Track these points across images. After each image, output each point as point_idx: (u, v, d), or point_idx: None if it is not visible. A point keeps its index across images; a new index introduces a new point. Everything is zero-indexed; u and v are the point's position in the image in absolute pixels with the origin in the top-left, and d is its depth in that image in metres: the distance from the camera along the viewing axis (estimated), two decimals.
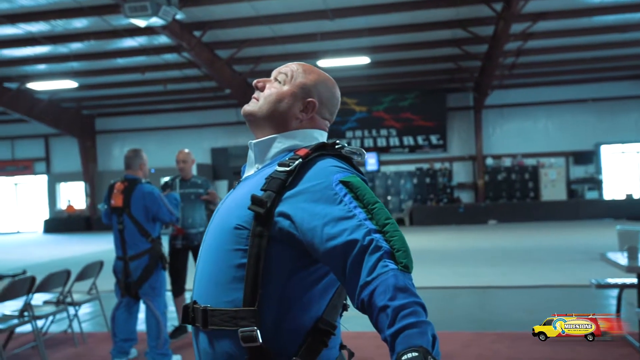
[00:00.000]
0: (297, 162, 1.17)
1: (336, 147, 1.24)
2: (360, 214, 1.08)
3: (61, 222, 19.99)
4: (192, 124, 19.62)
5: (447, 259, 9.18)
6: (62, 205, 21.05)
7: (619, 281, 4.51)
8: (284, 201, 1.14)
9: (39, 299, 4.82)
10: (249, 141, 1.34)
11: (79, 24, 11.31)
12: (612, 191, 17.28)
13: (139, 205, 3.96)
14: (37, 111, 16.64)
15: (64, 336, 5.06)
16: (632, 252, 3.92)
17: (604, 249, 4.96)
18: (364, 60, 13.80)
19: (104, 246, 12.26)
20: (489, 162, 17.55)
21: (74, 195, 21.03)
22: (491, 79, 15.00)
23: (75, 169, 20.43)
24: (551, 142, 17.48)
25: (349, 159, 1.25)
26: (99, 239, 15.30)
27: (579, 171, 17.37)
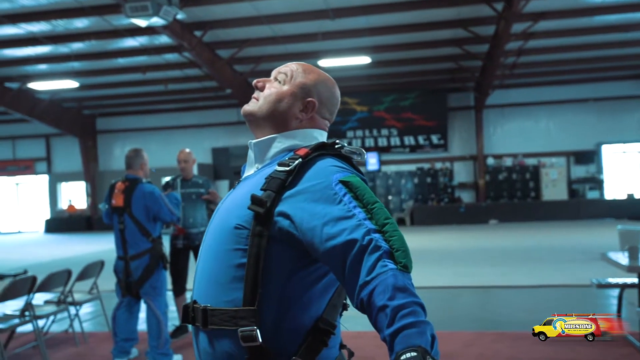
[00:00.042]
0: (296, 162, 1.17)
1: (336, 146, 1.24)
2: (359, 213, 1.08)
3: (62, 222, 20.01)
4: (193, 124, 19.63)
5: (448, 259, 9.18)
6: (63, 205, 21.06)
7: (620, 281, 4.51)
8: (284, 201, 1.14)
9: (40, 298, 4.82)
10: (248, 141, 1.34)
11: (80, 23, 11.32)
12: (613, 191, 17.25)
13: (139, 205, 3.97)
14: (38, 111, 16.65)
15: (65, 336, 5.07)
16: (633, 252, 3.92)
17: (604, 249, 4.96)
18: (365, 60, 13.79)
19: (105, 246, 12.27)
20: (490, 161, 17.54)
21: (75, 195, 21.04)
22: (492, 79, 14.98)
23: (76, 169, 20.44)
24: (552, 141, 17.46)
25: (348, 159, 1.25)
26: (99, 239, 15.31)
27: (580, 171, 17.35)
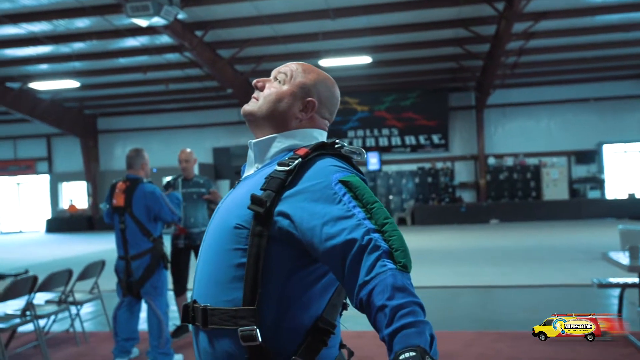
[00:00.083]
0: (296, 162, 1.17)
1: (336, 146, 1.24)
2: (359, 213, 1.08)
3: (63, 222, 20.02)
4: (194, 124, 19.64)
5: (448, 259, 9.17)
6: (64, 204, 21.07)
7: (621, 281, 4.51)
8: (284, 200, 1.14)
9: (41, 298, 4.82)
10: (248, 141, 1.34)
11: (81, 23, 11.32)
12: (614, 191, 17.23)
13: (140, 204, 3.97)
14: (40, 111, 16.66)
15: (66, 335, 5.07)
16: (634, 252, 3.92)
17: (605, 249, 4.96)
18: (366, 59, 13.78)
19: (106, 246, 12.28)
20: (491, 161, 17.53)
21: (76, 194, 21.06)
22: (493, 78, 14.98)
23: (77, 169, 20.46)
24: (553, 141, 17.44)
25: (348, 159, 1.25)
26: (100, 239, 15.33)
27: (581, 170, 17.34)
